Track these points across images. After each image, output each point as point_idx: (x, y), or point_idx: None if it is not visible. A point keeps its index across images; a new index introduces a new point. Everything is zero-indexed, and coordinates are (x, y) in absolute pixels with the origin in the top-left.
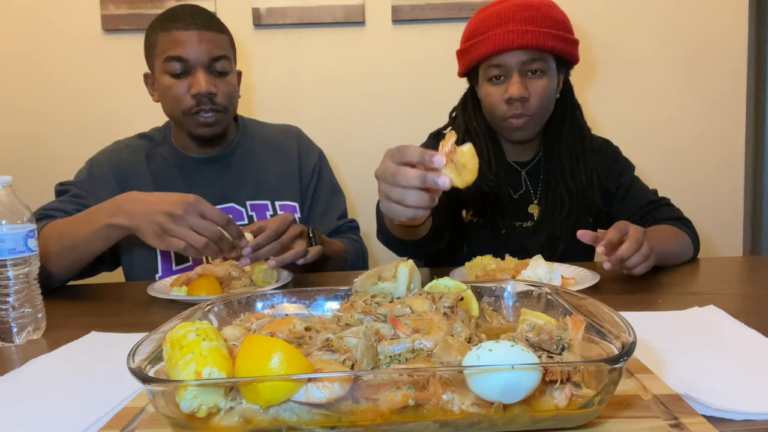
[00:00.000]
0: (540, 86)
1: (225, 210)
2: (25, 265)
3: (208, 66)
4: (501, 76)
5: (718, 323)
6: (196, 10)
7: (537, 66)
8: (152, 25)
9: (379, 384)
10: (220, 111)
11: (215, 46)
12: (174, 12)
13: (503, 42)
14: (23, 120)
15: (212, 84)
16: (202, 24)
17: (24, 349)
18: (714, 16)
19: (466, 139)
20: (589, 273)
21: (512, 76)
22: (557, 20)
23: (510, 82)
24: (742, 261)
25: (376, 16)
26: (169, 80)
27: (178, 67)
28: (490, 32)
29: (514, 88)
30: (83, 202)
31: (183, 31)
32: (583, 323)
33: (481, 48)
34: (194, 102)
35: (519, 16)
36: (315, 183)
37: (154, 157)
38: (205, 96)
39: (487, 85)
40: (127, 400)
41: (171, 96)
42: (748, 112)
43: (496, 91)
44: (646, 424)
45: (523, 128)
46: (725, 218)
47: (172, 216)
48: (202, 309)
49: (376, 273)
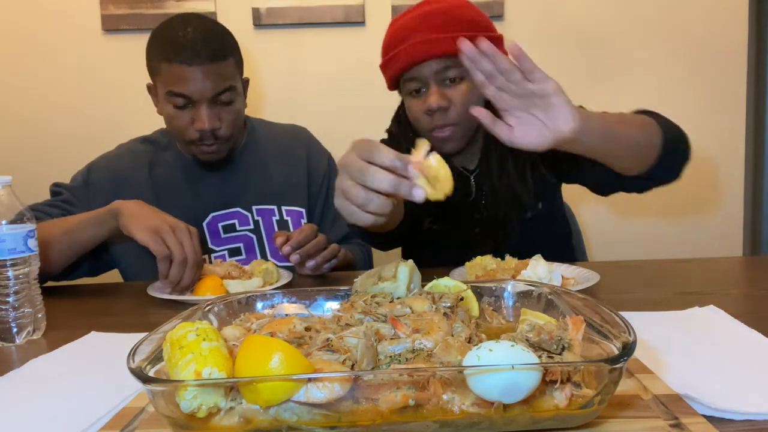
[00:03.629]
0: (460, 92)
1: (231, 215)
2: (25, 265)
3: (212, 99)
4: (421, 88)
5: (718, 323)
6: (199, 35)
7: (453, 73)
8: (155, 48)
9: (379, 384)
10: (223, 141)
11: (220, 79)
12: (177, 38)
13: (412, 55)
14: (23, 120)
15: (216, 118)
16: (206, 56)
17: (24, 349)
18: (714, 16)
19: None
20: (589, 273)
21: (430, 86)
22: (467, 21)
23: (428, 93)
24: (742, 261)
25: (376, 16)
26: (172, 110)
27: (181, 101)
28: (400, 46)
29: (431, 98)
30: (70, 210)
31: (186, 67)
32: (583, 323)
33: (394, 64)
34: (197, 135)
35: (425, 24)
36: (326, 189)
37: (157, 164)
38: (207, 132)
39: (408, 98)
40: (127, 400)
41: (174, 125)
42: (748, 112)
43: (417, 104)
44: (646, 424)
45: (450, 139)
46: (725, 218)
47: (172, 225)
48: (202, 309)
49: (376, 273)
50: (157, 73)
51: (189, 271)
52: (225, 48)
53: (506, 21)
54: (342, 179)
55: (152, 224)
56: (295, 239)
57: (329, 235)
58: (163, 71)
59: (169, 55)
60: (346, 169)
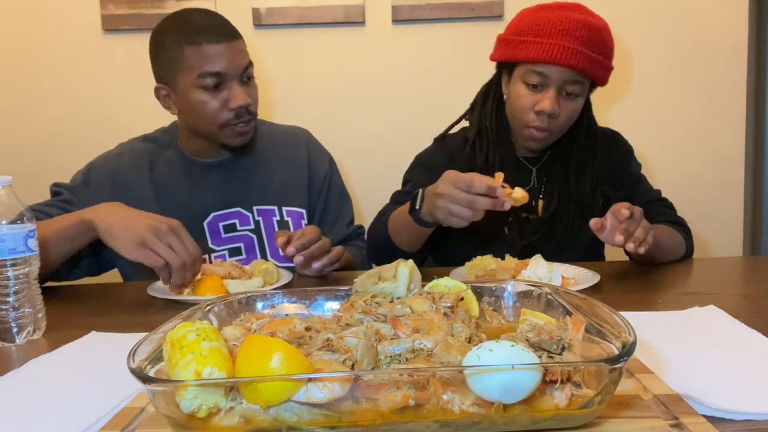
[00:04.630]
0: (571, 107)
1: (232, 215)
2: (25, 265)
3: (241, 76)
4: (538, 85)
5: (718, 323)
6: (215, 20)
7: (575, 88)
8: (169, 37)
9: (379, 384)
10: (254, 118)
11: (243, 54)
12: (194, 22)
13: (556, 54)
14: (23, 120)
15: (248, 94)
16: (229, 33)
17: (24, 349)
18: (714, 16)
19: (476, 140)
20: (589, 273)
21: (549, 89)
22: (607, 47)
23: (545, 94)
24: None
25: (376, 16)
26: (202, 95)
27: (213, 82)
28: (545, 39)
29: (547, 102)
30: (70, 210)
31: (214, 45)
32: (583, 323)
33: (531, 51)
34: (232, 115)
35: (578, 33)
36: (326, 190)
37: (158, 163)
38: (243, 108)
39: (522, 86)
40: (127, 400)
41: (206, 111)
42: (748, 112)
43: (529, 98)
44: (646, 424)
45: (540, 141)
46: (725, 218)
47: (154, 230)
48: (202, 309)
49: (377, 273)
50: (179, 61)
51: (189, 271)
52: (236, 29)
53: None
54: (443, 203)
55: (136, 238)
56: (300, 242)
57: (329, 235)
58: (188, 57)
59: (194, 39)
60: (449, 197)
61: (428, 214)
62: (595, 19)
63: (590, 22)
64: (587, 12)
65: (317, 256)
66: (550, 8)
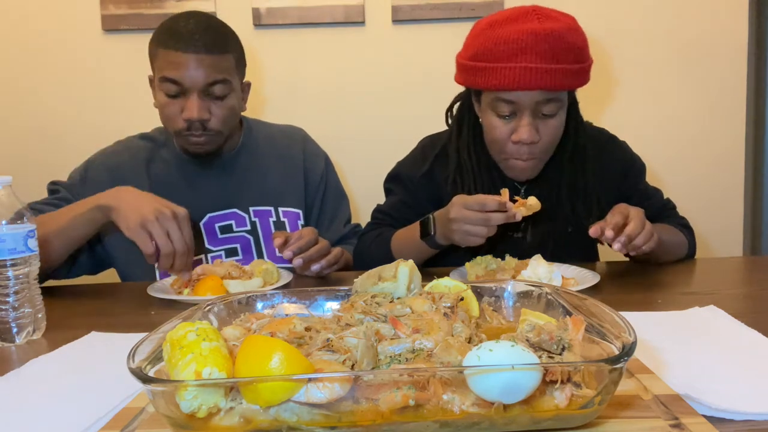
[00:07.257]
0: (552, 127)
1: (228, 215)
2: (25, 265)
3: (204, 90)
4: (510, 114)
5: (718, 323)
6: (200, 27)
7: (551, 108)
8: (155, 35)
9: (379, 384)
10: (213, 134)
11: (214, 70)
12: (177, 27)
13: (519, 79)
14: (23, 120)
15: (205, 109)
16: (203, 46)
17: (24, 349)
18: (714, 16)
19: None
20: (589, 273)
21: (522, 115)
22: (576, 49)
23: (520, 123)
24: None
25: (376, 16)
26: (164, 98)
27: (173, 88)
28: (504, 63)
29: (524, 131)
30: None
31: (181, 53)
32: (583, 323)
33: (491, 78)
34: (185, 125)
35: (539, 48)
36: (323, 190)
37: (154, 161)
38: (196, 122)
39: (493, 117)
40: (127, 400)
41: (164, 114)
42: (748, 112)
43: (504, 129)
44: (646, 424)
45: (527, 169)
46: (725, 218)
47: (158, 213)
48: (202, 309)
49: (377, 273)
50: (153, 59)
51: (179, 260)
52: (225, 43)
53: None
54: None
55: (139, 217)
56: (297, 245)
57: (326, 235)
58: (159, 57)
59: (167, 42)
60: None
61: (442, 238)
62: (554, 22)
63: (550, 30)
64: (544, 14)
65: (316, 258)
66: (502, 22)
